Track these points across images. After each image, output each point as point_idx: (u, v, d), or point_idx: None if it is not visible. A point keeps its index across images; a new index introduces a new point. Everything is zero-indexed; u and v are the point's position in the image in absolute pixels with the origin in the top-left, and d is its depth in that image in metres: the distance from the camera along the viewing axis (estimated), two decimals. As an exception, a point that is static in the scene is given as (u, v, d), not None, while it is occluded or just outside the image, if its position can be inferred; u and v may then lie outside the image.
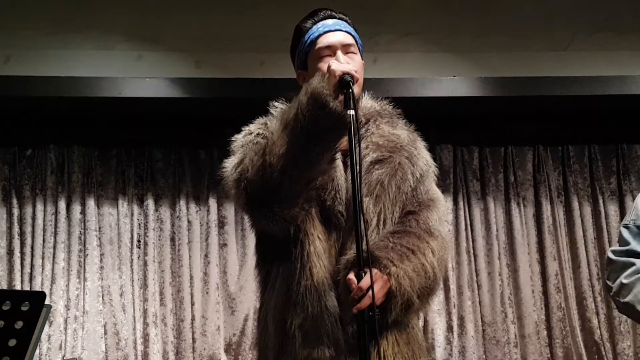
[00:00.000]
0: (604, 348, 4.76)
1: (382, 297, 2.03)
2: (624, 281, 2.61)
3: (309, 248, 2.13)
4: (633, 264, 2.62)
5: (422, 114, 2.47)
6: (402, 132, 2.35)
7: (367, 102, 2.41)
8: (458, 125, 4.88)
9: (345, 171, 2.21)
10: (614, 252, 2.73)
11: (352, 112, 2.00)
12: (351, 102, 2.02)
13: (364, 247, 1.96)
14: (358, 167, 1.99)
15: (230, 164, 2.21)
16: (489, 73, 4.59)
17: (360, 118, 2.29)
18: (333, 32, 2.31)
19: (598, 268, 4.90)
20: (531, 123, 4.94)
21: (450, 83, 4.53)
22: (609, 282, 2.70)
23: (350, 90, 2.04)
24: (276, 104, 2.35)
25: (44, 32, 4.42)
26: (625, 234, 2.71)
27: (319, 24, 2.34)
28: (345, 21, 2.37)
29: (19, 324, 1.90)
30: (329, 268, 2.13)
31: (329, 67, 2.11)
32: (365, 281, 1.94)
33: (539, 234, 4.94)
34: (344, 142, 2.10)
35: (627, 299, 2.60)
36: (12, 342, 1.90)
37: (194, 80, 4.43)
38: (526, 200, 4.98)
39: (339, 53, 2.27)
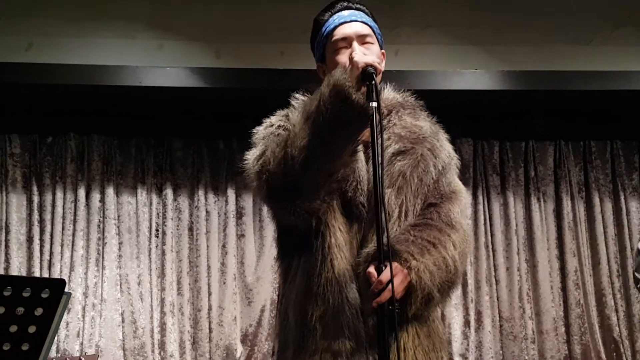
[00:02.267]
0: (623, 345, 4.72)
1: (402, 291, 2.01)
2: None
3: (330, 240, 2.12)
4: None
5: (442, 107, 2.44)
6: (425, 123, 2.33)
7: (390, 94, 2.39)
8: (479, 119, 4.85)
9: (367, 162, 2.20)
10: None
11: (374, 104, 1.98)
12: (374, 94, 2.00)
13: (385, 240, 1.94)
14: (380, 160, 1.97)
15: (251, 156, 2.20)
16: (511, 67, 4.55)
17: (382, 110, 2.27)
18: (348, 23, 2.29)
19: (618, 265, 4.86)
20: (553, 117, 4.91)
21: (472, 76, 4.50)
22: (637, 274, 2.68)
23: (373, 82, 2.02)
24: (297, 95, 2.34)
25: (66, 20, 4.43)
26: None
27: (335, 16, 2.32)
28: (363, 11, 2.36)
29: (38, 311, 1.90)
30: (350, 260, 2.12)
31: (351, 58, 2.09)
32: (386, 275, 1.93)
33: (559, 229, 4.91)
34: (366, 134, 2.08)
35: None
36: (32, 329, 1.90)
37: (214, 70, 4.43)
38: (546, 195, 4.95)
39: (355, 44, 2.25)
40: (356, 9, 2.35)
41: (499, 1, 4.65)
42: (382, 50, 2.37)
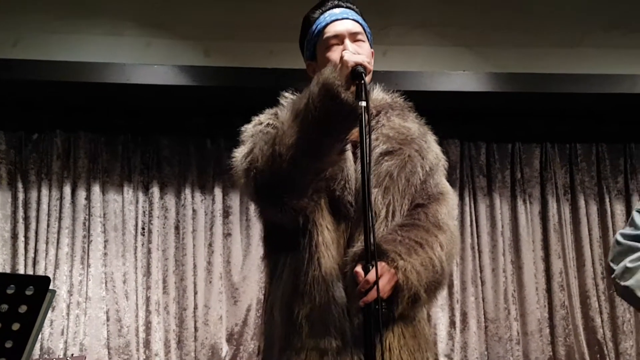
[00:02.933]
0: (607, 347, 4.75)
1: (389, 291, 2.02)
2: (629, 265, 2.61)
3: (317, 238, 2.12)
4: None
5: (430, 107, 2.46)
6: (413, 125, 2.34)
7: (379, 95, 2.40)
8: (466, 120, 4.87)
9: (355, 162, 2.20)
10: (622, 235, 2.71)
11: (363, 103, 1.99)
12: (363, 93, 2.00)
13: (372, 239, 1.95)
14: (368, 159, 1.98)
15: (240, 153, 2.20)
16: (499, 68, 4.57)
17: (371, 110, 2.27)
18: (340, 20, 2.30)
19: (602, 267, 4.89)
20: (539, 120, 4.93)
21: (460, 77, 4.52)
22: (612, 264, 2.68)
23: (363, 82, 2.02)
24: (286, 94, 2.34)
25: (53, 17, 4.40)
26: (637, 218, 2.69)
27: (326, 14, 2.33)
28: (353, 10, 2.37)
29: (23, 308, 1.89)
30: (337, 258, 2.13)
31: (341, 57, 2.09)
32: (372, 274, 1.93)
33: (544, 231, 4.93)
34: (354, 133, 2.09)
35: (628, 283, 2.60)
36: (16, 326, 1.89)
37: (202, 69, 4.42)
38: (532, 197, 4.97)
39: (347, 41, 2.26)
40: (347, 7, 2.36)
41: (487, 3, 4.67)
42: (372, 49, 2.38)
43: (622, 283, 2.62)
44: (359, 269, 1.98)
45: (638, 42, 4.65)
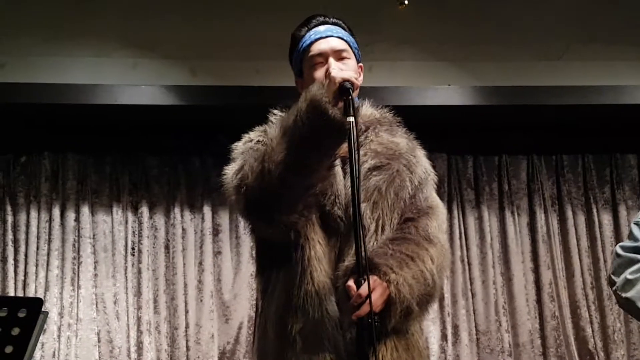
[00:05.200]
0: (598, 357, 4.76)
1: (381, 304, 2.03)
2: (629, 277, 2.64)
3: (309, 252, 2.13)
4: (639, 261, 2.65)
5: (416, 122, 2.48)
6: (401, 140, 2.36)
7: (367, 110, 2.42)
8: (452, 134, 4.88)
9: (345, 177, 2.22)
10: (622, 247, 2.75)
11: (351, 119, 2.00)
12: (351, 109, 2.02)
13: (363, 253, 1.96)
14: (357, 174, 1.99)
15: (230, 170, 2.22)
16: (484, 82, 4.61)
17: (359, 125, 2.29)
18: (325, 38, 2.32)
19: (592, 277, 4.91)
20: (525, 132, 4.95)
21: (445, 92, 4.54)
22: (613, 277, 2.72)
23: (350, 97, 2.04)
24: (275, 111, 2.36)
25: (40, 39, 4.42)
26: (636, 230, 2.74)
27: (312, 32, 2.35)
28: (339, 26, 2.38)
29: (15, 331, 1.89)
30: (329, 273, 2.14)
31: (329, 73, 2.11)
32: (365, 288, 1.95)
33: (533, 242, 4.95)
34: (343, 149, 2.10)
35: (629, 294, 2.63)
36: (9, 349, 1.88)
37: (189, 88, 4.43)
38: (520, 209, 4.99)
39: (331, 60, 2.27)
40: (332, 23, 2.37)
41: (471, 18, 4.71)
42: (360, 64, 2.40)
43: (624, 295, 2.65)
44: (351, 283, 2.00)
45: (620, 53, 4.70)
